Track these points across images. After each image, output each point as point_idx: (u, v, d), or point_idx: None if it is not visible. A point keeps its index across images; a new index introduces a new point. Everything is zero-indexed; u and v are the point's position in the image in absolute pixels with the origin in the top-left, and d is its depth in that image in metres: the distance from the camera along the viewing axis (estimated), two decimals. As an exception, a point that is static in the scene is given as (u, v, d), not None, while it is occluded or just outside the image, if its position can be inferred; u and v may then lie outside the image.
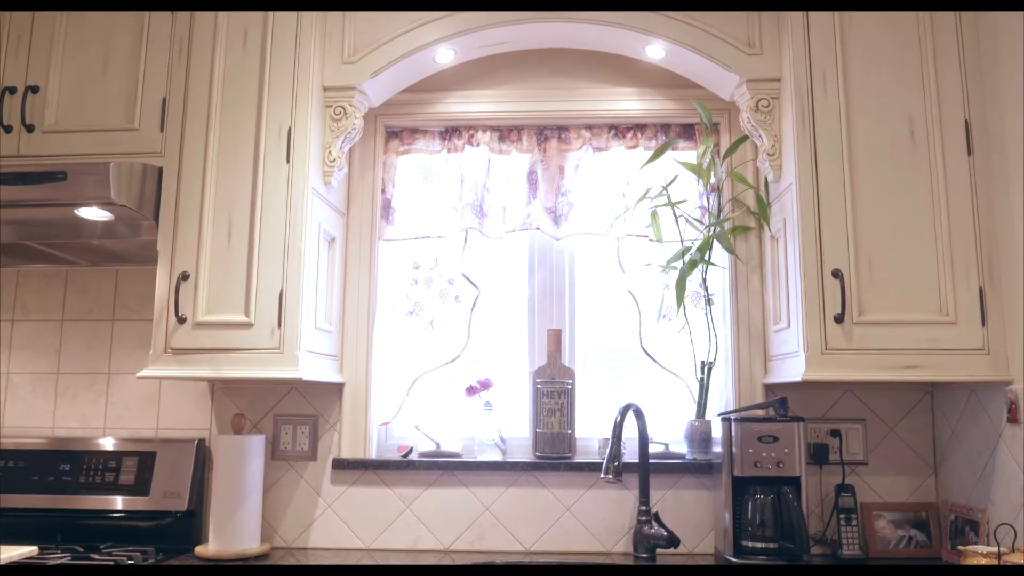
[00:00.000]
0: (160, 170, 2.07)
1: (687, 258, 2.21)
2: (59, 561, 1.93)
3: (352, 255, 2.35)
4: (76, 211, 1.97)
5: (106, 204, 1.94)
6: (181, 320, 1.99)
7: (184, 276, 2.01)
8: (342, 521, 2.25)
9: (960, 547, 1.82)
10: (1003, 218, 1.90)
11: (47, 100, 2.14)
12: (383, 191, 2.39)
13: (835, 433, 2.23)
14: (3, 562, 1.88)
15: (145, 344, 2.39)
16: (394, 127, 2.43)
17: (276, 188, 2.03)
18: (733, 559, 1.92)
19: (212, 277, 2.01)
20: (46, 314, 2.43)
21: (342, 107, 2.17)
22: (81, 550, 2.08)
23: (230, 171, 2.05)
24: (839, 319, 1.90)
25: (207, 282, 2.01)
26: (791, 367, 2.00)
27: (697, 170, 2.24)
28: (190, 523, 2.21)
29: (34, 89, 2.13)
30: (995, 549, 1.75)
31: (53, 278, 2.45)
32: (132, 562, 1.96)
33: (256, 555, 2.11)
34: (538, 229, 2.31)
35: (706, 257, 2.22)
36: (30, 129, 2.12)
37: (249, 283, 1.99)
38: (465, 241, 2.33)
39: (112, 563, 1.89)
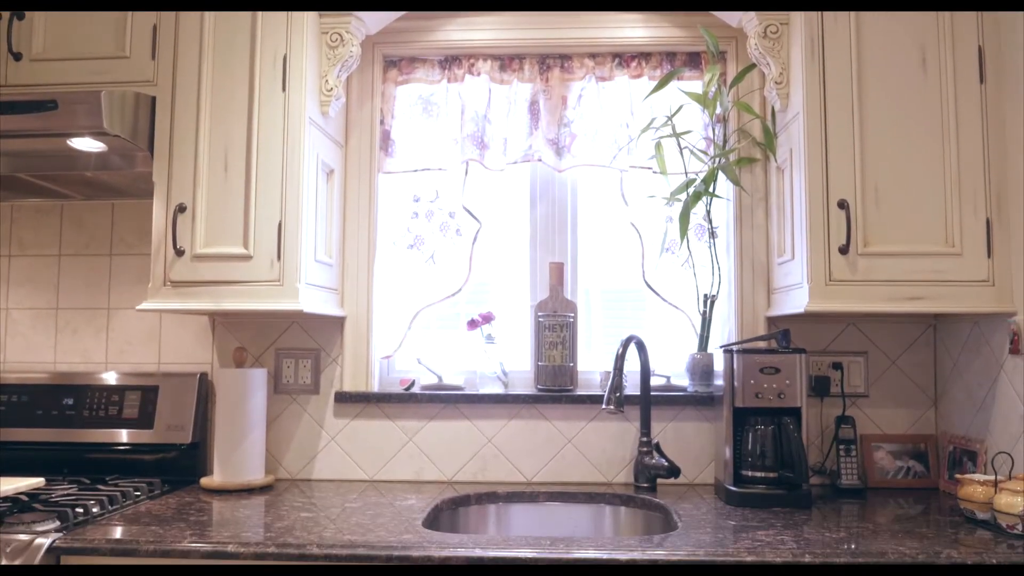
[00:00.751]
0: (153, 99, 2.02)
1: (691, 190, 2.17)
2: (66, 492, 1.94)
3: (351, 188, 2.32)
4: (68, 142, 1.93)
5: (99, 134, 1.89)
6: (179, 253, 1.97)
7: (181, 208, 1.97)
8: (345, 453, 2.27)
9: (958, 475, 1.84)
10: (1014, 147, 1.86)
11: (34, 27, 2.07)
12: (382, 122, 2.34)
13: (837, 366, 2.23)
14: (11, 492, 1.90)
15: (144, 279, 2.37)
16: (392, 56, 2.36)
17: (272, 118, 1.98)
18: (733, 488, 1.94)
19: (210, 209, 1.98)
20: (43, 249, 2.41)
21: (338, 34, 2.10)
22: (87, 481, 2.10)
23: (225, 100, 2.00)
24: (844, 250, 1.87)
25: (204, 214, 1.98)
26: (794, 299, 1.99)
27: (702, 100, 2.19)
28: (195, 455, 2.23)
29: (19, 15, 2.06)
30: (992, 477, 1.76)
31: (48, 213, 2.41)
32: (139, 493, 1.98)
33: (261, 486, 2.13)
34: (540, 161, 2.27)
35: (710, 189, 2.19)
36: (17, 57, 2.05)
37: (247, 215, 1.96)
38: (466, 173, 2.29)
39: (119, 493, 1.91)
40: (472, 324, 2.30)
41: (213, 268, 1.97)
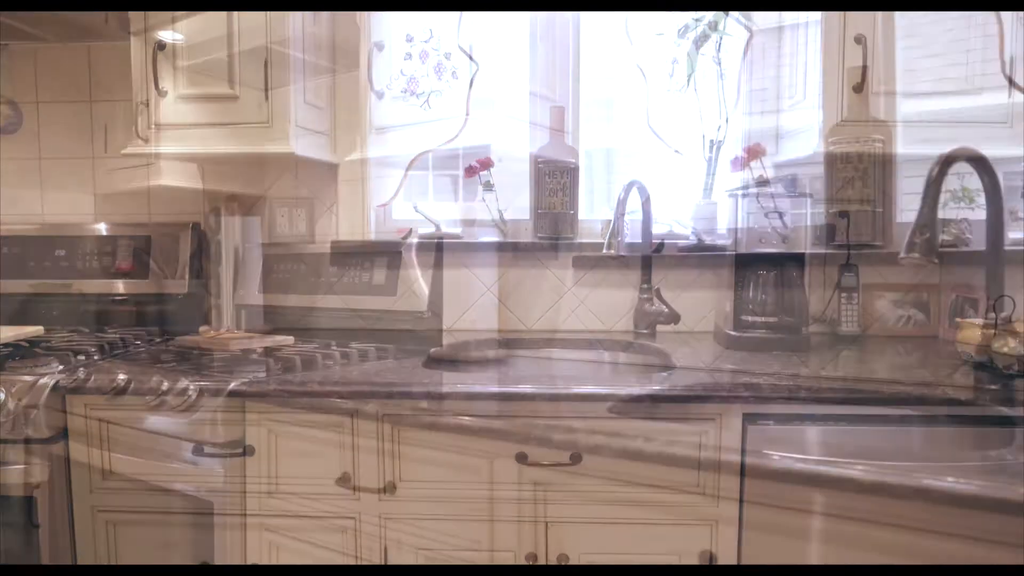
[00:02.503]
0: (122, -76, 1.87)
1: (701, 28, 2.05)
2: (66, 339, 1.94)
3: (340, 23, 2.18)
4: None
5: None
6: (162, 94, 1.88)
7: (160, 46, 1.86)
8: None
9: (958, 319, 1.83)
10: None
11: None
12: (371, -46, 2.18)
13: (843, 215, 2.18)
14: (11, 340, 1.90)
15: (127, 127, 2.27)
16: None
17: (252, -56, 1.84)
18: (732, 332, 1.94)
19: (190, 45, 1.87)
20: (20, 96, 2.31)
21: None
22: (87, 331, 2.10)
23: (200, -76, 1.85)
24: (858, 89, 1.79)
25: (185, 51, 1.87)
26: (804, 142, 1.92)
27: (716, -73, 2.04)
28: (192, 305, 2.22)
29: None
30: (992, 320, 1.76)
31: (22, 58, 2.29)
32: (138, 341, 1.98)
33: (263, 333, 2.13)
34: (541, -5, 2.13)
35: (721, 27, 2.06)
36: None
37: (231, 51, 1.86)
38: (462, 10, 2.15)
39: (119, 339, 1.91)
40: (470, 171, 2.23)
41: (199, 110, 1.88)
